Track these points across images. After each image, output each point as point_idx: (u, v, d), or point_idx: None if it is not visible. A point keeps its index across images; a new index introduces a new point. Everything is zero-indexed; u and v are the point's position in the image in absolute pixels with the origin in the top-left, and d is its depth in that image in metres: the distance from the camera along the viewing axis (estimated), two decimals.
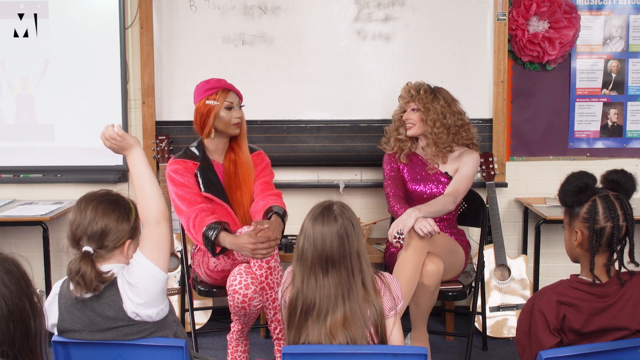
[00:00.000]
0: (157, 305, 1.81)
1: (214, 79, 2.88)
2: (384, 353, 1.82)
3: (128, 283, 1.78)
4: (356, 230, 1.90)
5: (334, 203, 1.94)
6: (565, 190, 1.94)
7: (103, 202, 1.83)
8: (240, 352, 2.82)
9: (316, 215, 1.91)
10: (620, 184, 1.94)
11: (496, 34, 3.59)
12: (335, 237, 1.86)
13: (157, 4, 3.63)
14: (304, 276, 1.89)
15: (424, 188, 3.11)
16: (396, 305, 1.99)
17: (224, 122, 2.84)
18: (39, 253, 3.64)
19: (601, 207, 1.87)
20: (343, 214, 1.90)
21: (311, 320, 1.86)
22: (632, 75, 3.69)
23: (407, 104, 3.13)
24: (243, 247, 2.57)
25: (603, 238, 1.87)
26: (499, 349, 3.37)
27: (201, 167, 2.85)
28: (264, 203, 2.83)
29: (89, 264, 1.75)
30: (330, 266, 1.86)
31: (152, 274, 1.79)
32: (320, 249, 1.86)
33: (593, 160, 3.74)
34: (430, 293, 2.74)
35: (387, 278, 2.02)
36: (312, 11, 3.63)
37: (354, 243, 1.88)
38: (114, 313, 1.78)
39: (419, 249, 2.69)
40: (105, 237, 1.80)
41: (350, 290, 1.87)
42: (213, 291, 2.93)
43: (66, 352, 1.84)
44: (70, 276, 1.76)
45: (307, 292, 1.87)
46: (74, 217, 1.82)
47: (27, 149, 3.76)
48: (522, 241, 3.79)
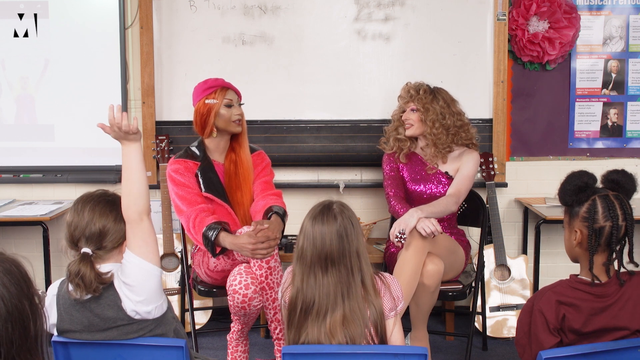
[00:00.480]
0: (156, 301, 1.81)
1: (212, 79, 2.88)
2: (384, 353, 1.83)
3: (124, 283, 1.78)
4: (356, 229, 1.91)
5: (334, 202, 1.95)
6: (565, 190, 1.95)
7: (100, 203, 1.82)
8: (240, 352, 2.82)
9: (316, 214, 1.91)
10: (621, 184, 1.94)
11: (496, 34, 3.59)
12: (334, 236, 1.86)
13: (157, 4, 3.63)
14: (304, 275, 1.89)
15: (424, 188, 3.11)
16: (396, 305, 2.00)
17: (225, 120, 2.84)
18: (39, 253, 3.65)
19: (601, 207, 1.87)
20: (343, 212, 1.91)
21: (311, 319, 1.87)
22: (632, 75, 3.69)
23: (407, 104, 3.13)
24: (243, 248, 2.57)
25: (602, 237, 1.87)
26: (499, 349, 3.37)
27: (202, 167, 2.85)
28: (264, 203, 2.83)
29: (89, 266, 1.75)
30: (329, 265, 1.87)
31: (145, 270, 1.79)
32: (320, 247, 1.86)
33: (593, 160, 3.74)
34: (431, 293, 2.74)
35: (388, 279, 2.02)
36: (312, 11, 3.63)
37: (353, 242, 1.88)
38: (114, 313, 1.78)
39: (419, 249, 2.69)
40: (104, 237, 1.80)
41: (350, 289, 1.87)
42: (213, 291, 2.93)
43: (66, 352, 1.84)
44: (69, 278, 1.76)
45: (306, 290, 1.88)
46: (71, 219, 1.81)
47: (27, 149, 3.77)
48: (522, 241, 3.79)
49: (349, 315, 1.85)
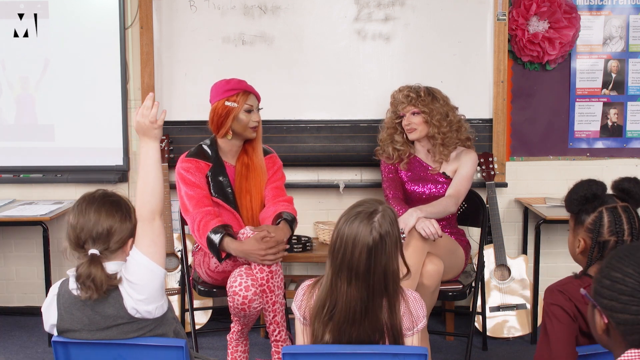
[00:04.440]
0: (157, 301, 1.81)
1: (236, 80, 2.82)
2: (384, 353, 1.82)
3: (127, 280, 1.78)
4: (388, 246, 1.80)
5: (379, 210, 1.83)
6: (572, 199, 1.90)
7: (106, 204, 1.82)
8: (240, 352, 2.81)
9: (355, 215, 1.82)
10: (631, 193, 1.88)
11: (496, 34, 3.59)
12: (365, 248, 1.78)
13: (157, 4, 3.63)
14: (333, 274, 1.83)
15: (422, 189, 3.11)
16: (414, 325, 1.91)
17: (242, 125, 2.79)
18: (39, 253, 3.65)
19: (607, 220, 1.83)
20: (382, 225, 1.80)
21: (333, 323, 1.83)
22: (632, 75, 3.69)
23: (406, 108, 3.10)
24: (251, 254, 2.57)
25: (605, 251, 1.83)
26: (499, 349, 3.37)
27: (213, 169, 2.82)
28: (274, 209, 2.81)
29: (99, 267, 1.75)
30: (354, 278, 1.80)
31: (150, 270, 1.79)
32: (350, 255, 1.79)
33: (593, 160, 3.74)
34: (431, 293, 2.74)
35: (409, 297, 1.92)
36: (312, 11, 3.63)
37: (382, 259, 1.80)
38: (115, 311, 1.78)
39: (419, 249, 2.69)
40: (111, 238, 1.80)
41: (369, 308, 1.81)
42: (213, 291, 2.93)
43: (66, 352, 1.84)
44: (80, 280, 1.75)
45: (333, 290, 1.83)
46: (76, 220, 1.80)
47: (27, 149, 3.76)
48: (522, 241, 3.78)
49: (364, 338, 1.82)
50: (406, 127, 3.11)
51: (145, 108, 1.90)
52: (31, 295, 3.88)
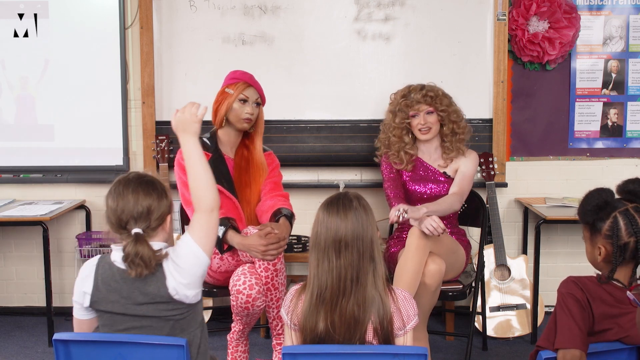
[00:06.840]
0: (196, 288, 1.87)
1: (240, 71, 2.91)
2: (384, 353, 1.82)
3: (173, 262, 1.83)
4: (370, 218, 1.91)
5: (349, 192, 1.96)
6: (586, 210, 1.93)
7: (141, 184, 1.86)
8: (241, 352, 2.82)
9: (331, 201, 1.92)
10: (638, 194, 1.92)
11: (496, 34, 3.59)
12: (349, 221, 1.87)
13: (157, 4, 3.63)
14: (319, 261, 1.89)
15: (424, 188, 3.11)
16: (405, 325, 1.92)
17: (235, 114, 2.83)
18: (39, 253, 3.65)
19: (623, 223, 1.87)
20: (359, 200, 1.92)
21: (325, 307, 1.86)
22: (632, 75, 3.69)
23: (421, 107, 3.07)
24: (252, 248, 2.58)
25: (627, 252, 1.88)
26: (499, 349, 3.37)
27: (213, 158, 2.83)
28: (272, 203, 2.82)
29: (145, 244, 1.80)
30: (343, 247, 1.86)
31: (197, 256, 1.84)
32: (334, 231, 1.87)
33: (593, 160, 3.74)
34: (432, 293, 2.74)
35: (399, 295, 1.94)
36: (312, 11, 3.63)
37: (367, 228, 1.89)
38: (155, 289, 1.82)
39: (421, 248, 2.69)
40: (151, 216, 1.84)
41: (360, 273, 1.86)
42: (214, 291, 2.93)
43: (66, 351, 1.84)
44: (129, 259, 1.79)
45: (321, 276, 1.87)
46: (115, 203, 1.84)
47: (27, 149, 3.76)
48: (522, 241, 3.79)
49: (358, 303, 1.85)
50: (420, 127, 3.08)
51: (192, 106, 1.96)
52: (31, 295, 3.88)
